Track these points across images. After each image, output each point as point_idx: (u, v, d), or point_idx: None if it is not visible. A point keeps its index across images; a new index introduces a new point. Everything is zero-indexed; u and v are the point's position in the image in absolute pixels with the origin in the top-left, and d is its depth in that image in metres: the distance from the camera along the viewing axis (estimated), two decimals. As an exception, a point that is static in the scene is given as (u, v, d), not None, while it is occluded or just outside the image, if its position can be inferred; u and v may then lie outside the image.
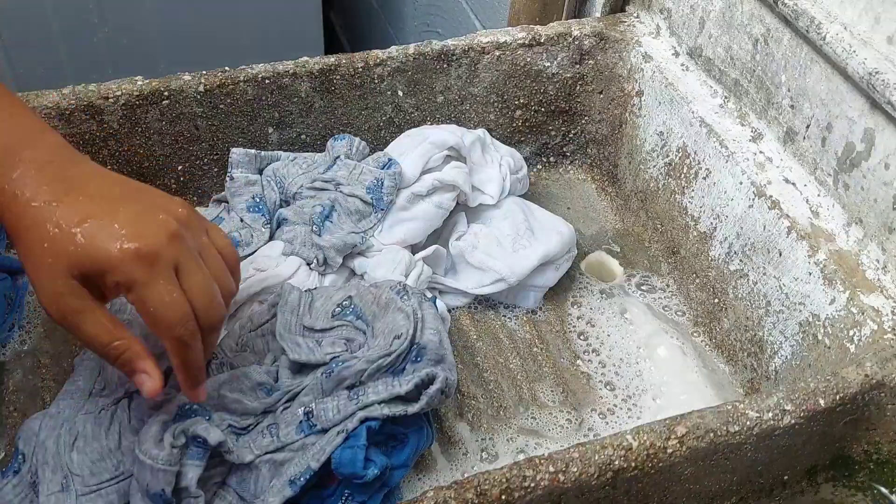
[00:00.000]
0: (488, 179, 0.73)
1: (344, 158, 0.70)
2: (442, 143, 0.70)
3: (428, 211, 0.69)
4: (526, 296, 0.71)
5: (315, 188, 0.69)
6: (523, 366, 0.67)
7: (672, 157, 0.74)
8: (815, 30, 0.60)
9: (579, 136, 0.85)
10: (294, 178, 0.70)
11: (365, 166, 0.69)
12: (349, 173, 0.69)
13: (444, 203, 0.69)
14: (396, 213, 0.68)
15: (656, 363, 0.68)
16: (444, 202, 0.69)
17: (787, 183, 0.65)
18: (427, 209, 0.69)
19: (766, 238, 0.64)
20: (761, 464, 0.52)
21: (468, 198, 0.71)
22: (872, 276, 0.58)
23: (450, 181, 0.69)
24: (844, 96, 0.60)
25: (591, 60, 0.80)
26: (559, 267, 0.71)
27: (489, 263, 0.68)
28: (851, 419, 0.53)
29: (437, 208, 0.69)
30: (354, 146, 0.72)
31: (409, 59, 0.75)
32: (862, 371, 0.52)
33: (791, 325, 0.62)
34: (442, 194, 0.69)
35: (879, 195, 0.58)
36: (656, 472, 0.48)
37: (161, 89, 0.69)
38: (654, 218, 0.77)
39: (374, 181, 0.68)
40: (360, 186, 0.68)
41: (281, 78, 0.71)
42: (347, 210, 0.67)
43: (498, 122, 0.81)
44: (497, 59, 0.77)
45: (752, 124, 0.70)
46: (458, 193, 0.70)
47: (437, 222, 0.70)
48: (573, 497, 0.46)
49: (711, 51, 0.73)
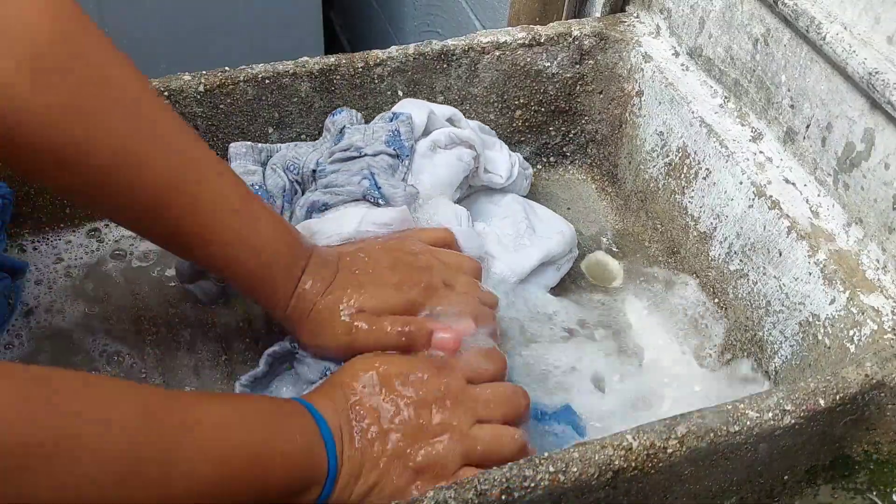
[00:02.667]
0: (496, 160, 0.73)
1: (350, 126, 0.71)
2: (441, 112, 0.72)
3: (450, 161, 0.69)
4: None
5: (337, 160, 0.68)
6: (523, 365, 0.67)
7: (672, 157, 0.74)
8: (815, 30, 0.60)
9: (579, 136, 0.85)
10: (307, 156, 0.70)
11: (374, 125, 0.70)
12: (363, 136, 0.69)
13: (464, 157, 0.70)
14: (419, 160, 0.69)
15: (656, 363, 0.68)
16: (464, 156, 0.70)
17: (787, 183, 0.65)
18: (449, 159, 0.69)
19: (766, 238, 0.64)
20: (761, 464, 0.52)
21: (481, 166, 0.71)
22: (872, 276, 0.58)
23: (466, 138, 0.70)
24: (844, 96, 0.60)
25: (591, 60, 0.80)
26: (560, 267, 0.71)
27: (490, 263, 0.68)
28: (851, 419, 0.53)
29: (459, 160, 0.69)
30: (354, 116, 0.73)
31: (409, 59, 0.75)
32: (862, 371, 0.52)
33: (791, 325, 0.62)
34: (461, 149, 0.70)
35: (879, 195, 0.58)
36: (656, 472, 0.47)
37: (161, 89, 0.69)
38: (654, 218, 0.77)
39: (391, 133, 0.68)
40: (380, 143, 0.68)
41: (281, 78, 0.71)
42: (382, 168, 0.67)
43: (498, 122, 0.81)
44: (497, 59, 0.77)
45: (752, 124, 0.70)
46: (475, 155, 0.70)
47: (459, 176, 0.70)
48: (573, 497, 0.46)
49: (711, 51, 0.73)
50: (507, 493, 0.44)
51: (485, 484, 0.44)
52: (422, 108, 0.71)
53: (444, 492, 0.44)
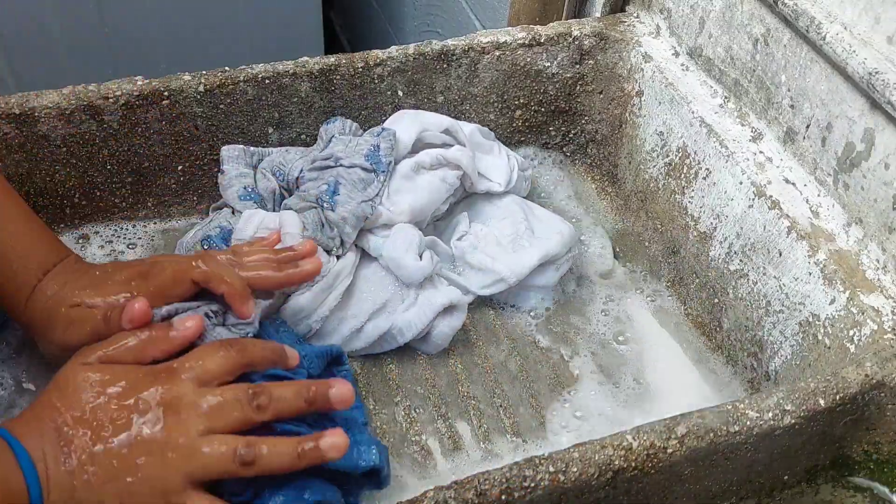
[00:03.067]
0: (494, 167, 0.73)
1: (339, 136, 0.71)
2: (438, 123, 0.71)
3: (433, 183, 0.69)
4: (526, 296, 0.71)
5: (316, 168, 0.69)
6: (523, 365, 0.67)
7: (672, 157, 0.74)
8: (815, 30, 0.60)
9: (579, 136, 0.85)
10: (293, 163, 0.70)
11: (360, 138, 0.70)
12: (346, 147, 0.69)
13: (448, 178, 0.70)
14: (400, 180, 0.68)
15: (656, 363, 0.68)
16: (448, 177, 0.70)
17: (787, 183, 0.65)
18: (432, 181, 0.69)
19: (766, 238, 0.64)
20: (761, 464, 0.52)
21: (474, 182, 0.71)
22: (872, 276, 0.58)
23: (453, 159, 0.69)
24: (844, 96, 0.60)
25: (591, 60, 0.80)
26: (560, 267, 0.71)
27: (489, 264, 0.68)
28: (851, 419, 0.53)
29: (442, 182, 0.69)
30: (347, 126, 0.72)
31: (409, 59, 0.75)
32: (862, 371, 0.52)
33: (791, 325, 0.62)
34: (447, 170, 0.70)
35: (879, 195, 0.58)
36: (656, 472, 0.48)
37: (161, 89, 0.69)
38: (654, 218, 0.77)
39: (371, 147, 0.68)
40: (359, 156, 0.68)
41: (281, 78, 0.71)
42: (352, 181, 0.67)
43: (498, 122, 0.81)
44: (497, 59, 0.77)
45: (752, 124, 0.70)
46: (462, 174, 0.70)
47: (442, 196, 0.70)
48: (573, 497, 0.46)
49: (711, 51, 0.73)
50: (507, 493, 0.44)
51: (485, 484, 0.44)
52: (413, 123, 0.71)
53: (444, 492, 0.44)
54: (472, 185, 0.72)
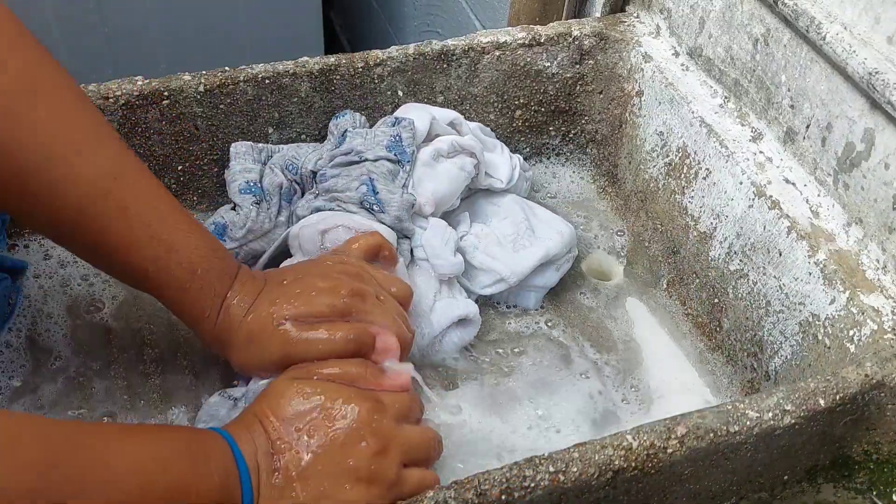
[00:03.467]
0: (496, 164, 0.73)
1: (352, 130, 0.71)
2: (444, 116, 0.72)
3: (451, 171, 0.69)
4: (526, 296, 0.71)
5: (339, 164, 0.68)
6: (524, 365, 0.67)
7: (672, 157, 0.74)
8: (815, 30, 0.60)
9: (579, 136, 0.85)
10: (306, 156, 0.70)
11: (377, 130, 0.70)
12: (364, 140, 0.69)
13: (466, 166, 0.70)
14: (422, 168, 0.68)
15: (656, 363, 0.68)
16: (466, 165, 0.70)
17: (787, 183, 0.65)
18: (451, 170, 0.69)
19: (766, 238, 0.64)
20: (761, 464, 0.52)
21: (480, 177, 0.71)
22: (872, 276, 0.58)
23: (468, 146, 0.70)
24: (844, 96, 0.60)
25: (591, 60, 0.80)
26: (560, 267, 0.71)
27: (489, 264, 0.68)
28: (851, 419, 0.53)
29: (461, 170, 0.69)
30: (357, 119, 0.72)
31: (409, 59, 0.75)
32: (862, 371, 0.52)
33: (791, 325, 0.62)
34: (464, 158, 0.70)
35: (879, 195, 0.58)
36: (656, 472, 0.47)
37: (161, 89, 0.69)
38: (654, 218, 0.77)
39: (392, 138, 0.68)
40: (381, 148, 0.68)
41: (281, 78, 0.71)
42: (383, 175, 0.66)
43: (498, 122, 0.81)
44: (497, 59, 0.77)
45: (752, 124, 0.70)
46: (476, 163, 0.70)
47: (460, 186, 0.70)
48: (573, 497, 0.46)
49: (711, 51, 0.73)
50: (507, 493, 0.44)
51: (485, 484, 0.44)
52: (424, 113, 0.71)
53: (445, 492, 0.44)
54: (478, 178, 0.72)
